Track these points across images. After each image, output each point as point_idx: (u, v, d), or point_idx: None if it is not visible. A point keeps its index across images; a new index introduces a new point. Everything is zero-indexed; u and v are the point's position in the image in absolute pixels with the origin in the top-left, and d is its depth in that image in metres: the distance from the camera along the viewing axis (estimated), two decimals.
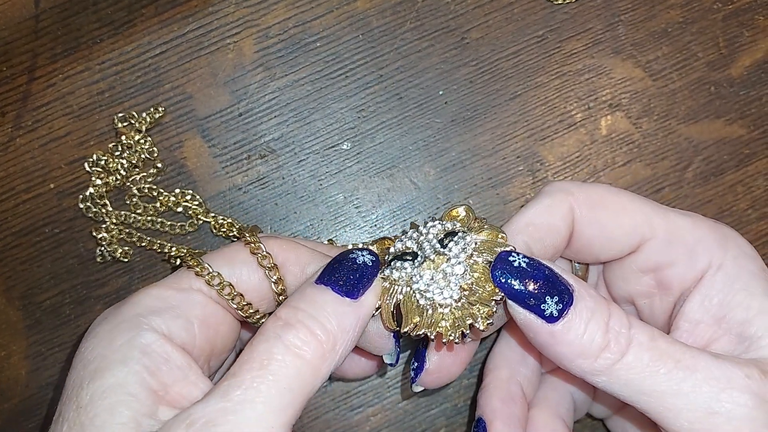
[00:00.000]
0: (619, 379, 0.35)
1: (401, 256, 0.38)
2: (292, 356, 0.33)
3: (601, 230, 0.41)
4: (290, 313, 0.35)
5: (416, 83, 0.52)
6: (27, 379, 0.51)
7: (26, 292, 0.51)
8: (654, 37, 0.53)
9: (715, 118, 0.53)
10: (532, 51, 0.52)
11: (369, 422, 0.52)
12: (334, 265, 0.37)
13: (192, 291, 0.38)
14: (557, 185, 0.41)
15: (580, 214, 0.40)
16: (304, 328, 0.34)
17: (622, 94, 0.52)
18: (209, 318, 0.38)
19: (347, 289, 0.36)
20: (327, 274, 0.36)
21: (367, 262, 0.37)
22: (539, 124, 0.52)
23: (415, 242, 0.39)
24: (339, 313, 0.35)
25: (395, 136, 0.52)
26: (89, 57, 0.51)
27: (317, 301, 0.35)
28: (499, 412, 0.43)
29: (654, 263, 0.41)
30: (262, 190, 0.52)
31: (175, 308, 0.37)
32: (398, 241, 0.39)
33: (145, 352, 0.34)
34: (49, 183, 0.51)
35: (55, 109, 0.51)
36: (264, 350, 0.33)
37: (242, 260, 0.39)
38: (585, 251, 0.42)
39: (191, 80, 0.52)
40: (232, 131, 0.52)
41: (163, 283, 0.38)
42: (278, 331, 0.34)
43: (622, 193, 0.41)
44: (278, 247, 0.40)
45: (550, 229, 0.40)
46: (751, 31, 0.53)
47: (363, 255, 0.37)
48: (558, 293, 0.35)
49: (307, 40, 0.52)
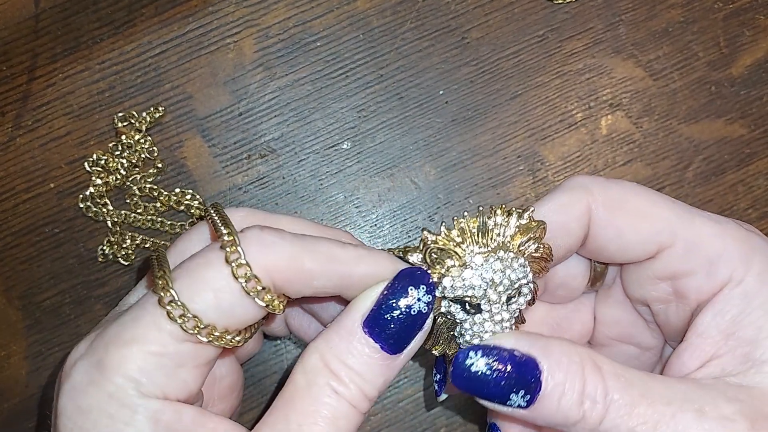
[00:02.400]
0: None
1: (462, 304, 0.36)
2: (342, 405, 0.34)
3: (618, 235, 0.39)
4: (341, 370, 0.34)
5: (417, 83, 0.52)
6: (27, 379, 0.51)
7: (26, 292, 0.51)
8: (655, 36, 0.53)
9: (716, 117, 0.52)
10: (533, 51, 0.52)
11: (369, 422, 0.52)
12: (385, 315, 0.34)
13: (175, 342, 0.33)
14: (578, 180, 0.39)
15: (597, 216, 0.38)
16: (356, 389, 0.34)
17: (622, 93, 0.52)
18: (200, 363, 0.34)
19: (397, 347, 0.34)
20: (377, 326, 0.34)
21: (423, 310, 0.34)
22: (540, 124, 0.52)
23: (483, 286, 0.35)
24: (386, 369, 0.34)
25: (396, 135, 0.52)
26: (89, 57, 0.51)
27: (367, 362, 0.34)
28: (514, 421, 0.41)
29: (671, 271, 0.39)
30: (263, 190, 0.52)
31: (163, 368, 0.33)
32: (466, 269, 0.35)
33: (155, 420, 0.32)
34: (49, 182, 0.51)
35: (55, 109, 0.51)
36: (325, 404, 0.34)
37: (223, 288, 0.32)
38: (600, 253, 0.40)
39: (191, 80, 0.52)
40: (232, 131, 0.52)
41: (141, 338, 0.32)
42: (329, 380, 0.34)
43: (645, 194, 0.39)
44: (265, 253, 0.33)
45: (564, 229, 0.38)
46: (751, 30, 0.53)
47: (419, 299, 0.34)
48: (524, 384, 0.34)
49: (308, 39, 0.52)
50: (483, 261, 0.35)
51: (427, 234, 0.35)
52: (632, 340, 0.44)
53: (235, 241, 0.32)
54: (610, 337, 0.45)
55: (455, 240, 0.35)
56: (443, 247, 0.35)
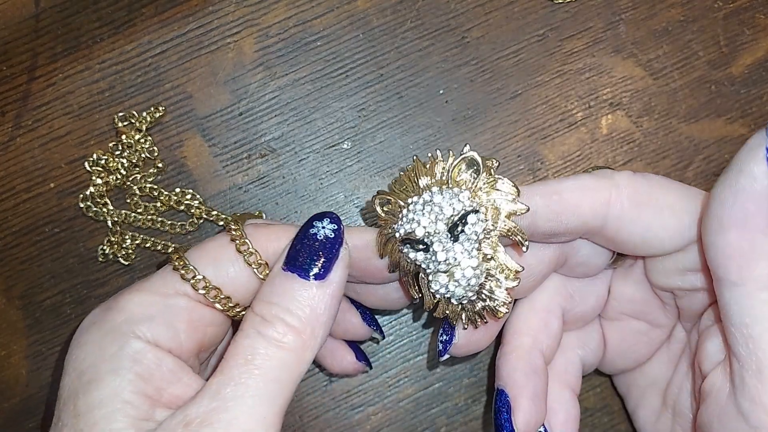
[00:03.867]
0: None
1: (412, 244, 0.37)
2: (274, 348, 0.35)
3: (645, 229, 0.38)
4: (264, 308, 0.36)
5: (417, 82, 0.52)
6: (27, 378, 0.51)
7: (26, 292, 0.51)
8: (655, 35, 0.53)
9: (716, 116, 0.52)
10: (533, 50, 0.52)
11: (369, 421, 0.52)
12: (296, 247, 0.36)
13: (177, 296, 0.38)
14: (608, 172, 0.39)
15: (623, 210, 0.37)
16: (280, 322, 0.35)
17: (622, 92, 0.52)
18: (196, 321, 0.38)
19: (316, 273, 0.36)
20: (291, 259, 0.36)
21: (329, 235, 0.37)
22: (540, 123, 0.52)
23: (424, 221, 0.36)
24: (309, 298, 0.36)
25: (396, 135, 0.52)
26: (89, 56, 0.51)
27: (287, 291, 0.36)
28: (524, 387, 0.41)
29: (701, 264, 0.38)
30: (263, 190, 0.52)
31: (161, 315, 0.37)
32: (406, 210, 0.37)
33: (136, 360, 0.35)
34: (49, 182, 0.51)
35: (56, 109, 0.51)
36: (247, 346, 0.35)
37: (228, 258, 0.38)
38: (624, 246, 0.39)
39: (191, 79, 0.52)
40: (232, 130, 0.52)
41: (148, 287, 0.38)
42: (257, 327, 0.35)
43: (674, 189, 0.38)
44: (266, 238, 0.39)
45: (575, 211, 0.37)
46: (752, 29, 0.53)
47: (324, 227, 0.37)
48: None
49: (308, 39, 0.52)
50: (417, 198, 0.37)
51: (379, 194, 0.38)
52: (645, 317, 0.44)
53: (241, 231, 0.39)
54: (623, 313, 0.45)
55: (398, 189, 0.38)
56: (384, 198, 0.38)
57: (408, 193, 0.38)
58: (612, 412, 0.52)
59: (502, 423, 0.41)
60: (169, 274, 0.38)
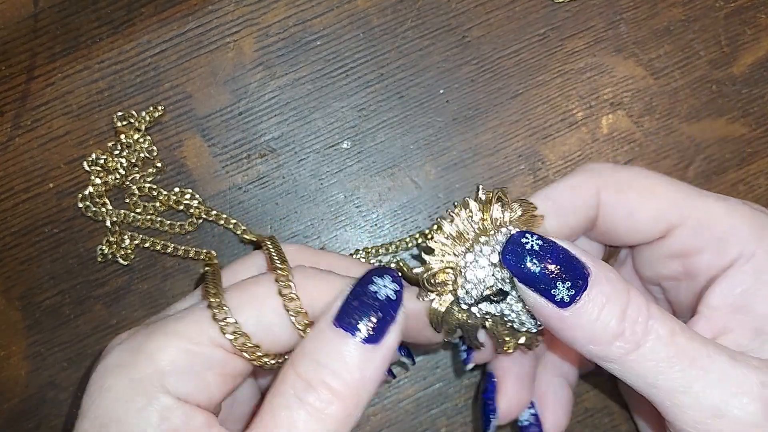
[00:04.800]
0: (632, 370, 0.34)
1: (490, 298, 0.37)
2: (316, 421, 0.32)
3: (628, 215, 0.40)
4: (310, 368, 0.32)
5: (417, 82, 0.52)
6: (27, 379, 0.51)
7: (26, 292, 0.51)
8: (656, 35, 0.52)
9: (717, 116, 0.52)
10: (534, 49, 0.52)
11: (369, 422, 0.52)
12: (353, 303, 0.33)
13: (213, 347, 0.34)
14: (589, 165, 0.41)
15: (607, 197, 0.39)
16: (324, 387, 0.32)
17: (623, 92, 0.52)
18: (228, 373, 0.35)
19: (370, 335, 0.33)
20: (345, 314, 0.33)
21: (391, 296, 0.34)
22: (541, 123, 0.52)
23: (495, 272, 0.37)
24: (363, 362, 0.32)
25: (396, 135, 0.52)
26: (88, 56, 0.51)
27: (336, 350, 0.33)
28: (509, 370, 0.43)
29: (682, 250, 0.40)
30: (263, 190, 0.51)
31: (194, 368, 0.34)
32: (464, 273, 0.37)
33: (164, 418, 0.32)
34: (48, 182, 0.51)
35: (54, 109, 0.51)
36: (286, 417, 0.32)
37: (272, 307, 0.35)
38: (611, 235, 0.41)
39: (191, 79, 0.51)
40: (232, 130, 0.51)
41: (182, 332, 0.34)
42: (299, 392, 0.32)
43: (655, 176, 0.40)
44: (316, 286, 0.35)
45: (571, 209, 0.39)
46: (753, 29, 0.53)
47: (386, 285, 0.34)
48: (571, 278, 0.34)
49: (308, 38, 0.52)
50: (472, 257, 0.37)
51: (417, 270, 0.37)
52: None
53: (288, 275, 0.35)
54: None
55: (439, 257, 0.37)
56: (433, 271, 0.37)
57: (449, 258, 0.37)
58: (612, 413, 0.52)
59: (486, 403, 0.42)
60: (205, 320, 0.34)
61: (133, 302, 0.51)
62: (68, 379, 0.50)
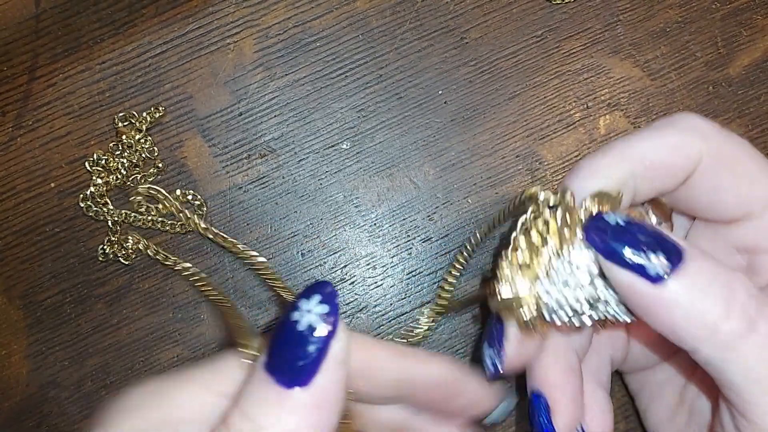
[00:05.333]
0: (737, 359, 0.29)
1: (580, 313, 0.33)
2: None
3: (716, 190, 0.35)
4: (237, 421, 0.27)
5: (416, 83, 0.52)
6: (27, 378, 0.51)
7: (27, 291, 0.51)
8: (652, 36, 0.53)
9: (714, 117, 0.53)
10: (531, 51, 0.53)
11: None
12: (278, 339, 0.27)
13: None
14: (691, 122, 0.34)
15: (704, 167, 0.34)
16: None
17: (620, 93, 0.53)
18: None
19: (293, 377, 0.27)
20: (273, 356, 0.27)
21: (313, 323, 0.27)
22: (538, 124, 0.52)
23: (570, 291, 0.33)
24: (289, 411, 0.26)
25: (395, 135, 0.52)
26: (90, 57, 0.52)
27: (263, 401, 0.27)
28: (562, 388, 0.37)
29: (753, 244, 0.36)
30: (263, 190, 0.52)
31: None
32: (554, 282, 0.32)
33: None
34: (49, 182, 0.51)
35: (56, 109, 0.51)
36: None
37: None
38: (686, 203, 0.36)
39: (191, 80, 0.52)
40: (232, 131, 0.52)
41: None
42: None
43: (758, 158, 0.35)
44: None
45: (667, 173, 0.33)
46: (749, 30, 0.53)
47: (309, 311, 0.27)
48: (664, 251, 0.29)
49: (307, 40, 0.52)
50: (543, 274, 0.33)
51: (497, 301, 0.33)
52: None
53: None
54: None
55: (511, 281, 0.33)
56: (509, 297, 0.33)
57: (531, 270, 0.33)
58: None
59: (543, 426, 0.37)
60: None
61: (134, 301, 0.51)
62: (69, 377, 0.51)
